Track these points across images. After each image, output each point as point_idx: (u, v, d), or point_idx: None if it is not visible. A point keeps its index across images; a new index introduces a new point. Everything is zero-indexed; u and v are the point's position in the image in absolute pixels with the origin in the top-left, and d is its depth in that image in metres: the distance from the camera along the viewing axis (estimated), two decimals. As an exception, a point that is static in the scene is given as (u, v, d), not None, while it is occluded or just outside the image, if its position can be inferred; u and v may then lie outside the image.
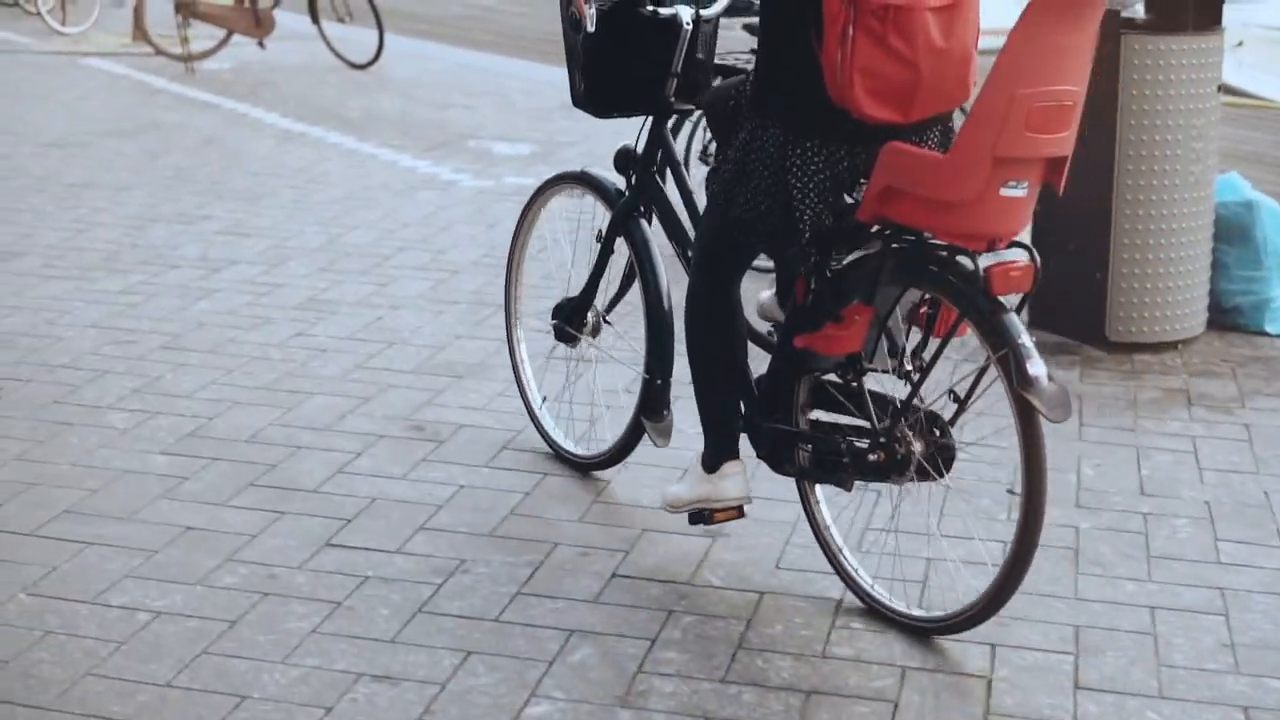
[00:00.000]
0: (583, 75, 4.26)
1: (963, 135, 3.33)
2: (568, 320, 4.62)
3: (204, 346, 5.95)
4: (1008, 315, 3.39)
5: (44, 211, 8.02)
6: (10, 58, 13.87)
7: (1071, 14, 3.28)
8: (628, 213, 4.38)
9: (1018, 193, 3.35)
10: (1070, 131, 3.37)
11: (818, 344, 3.68)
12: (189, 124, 10.55)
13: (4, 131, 10.19)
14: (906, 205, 3.44)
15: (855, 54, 3.35)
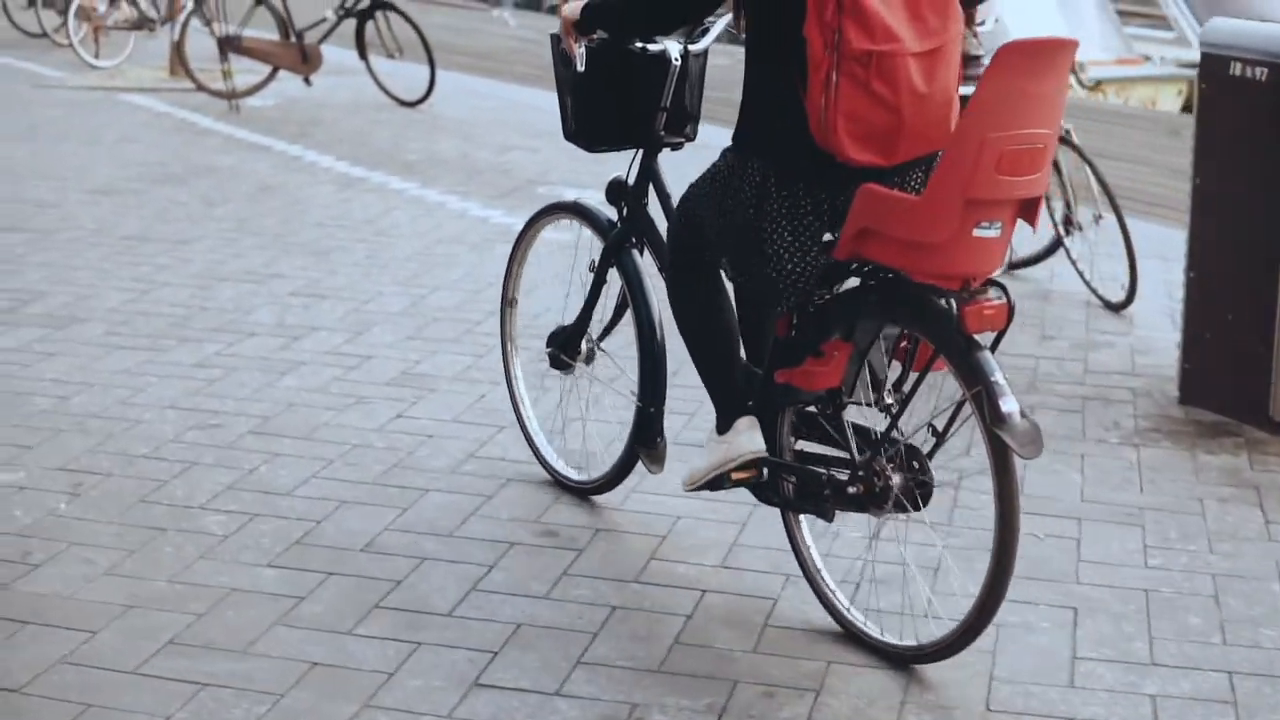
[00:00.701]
0: (574, 110, 4.35)
1: (935, 178, 3.43)
2: (562, 348, 4.70)
3: (297, 431, 5.40)
4: (982, 353, 3.47)
5: (102, 269, 7.47)
6: (44, 93, 13.33)
7: (1040, 60, 3.37)
8: (620, 243, 4.47)
9: (990, 233, 3.44)
10: (1042, 173, 3.45)
11: (797, 379, 3.78)
12: (242, 168, 10.00)
13: (49, 176, 9.65)
14: (882, 245, 3.53)
15: (839, 99, 3.42)
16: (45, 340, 6.37)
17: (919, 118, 3.48)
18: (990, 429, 3.42)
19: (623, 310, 4.57)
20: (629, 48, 4.21)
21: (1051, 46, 3.43)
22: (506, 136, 11.26)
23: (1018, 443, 3.39)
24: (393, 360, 6.17)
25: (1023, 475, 4.13)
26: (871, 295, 3.68)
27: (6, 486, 4.89)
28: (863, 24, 3.41)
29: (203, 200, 9.02)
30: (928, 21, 3.50)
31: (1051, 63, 3.41)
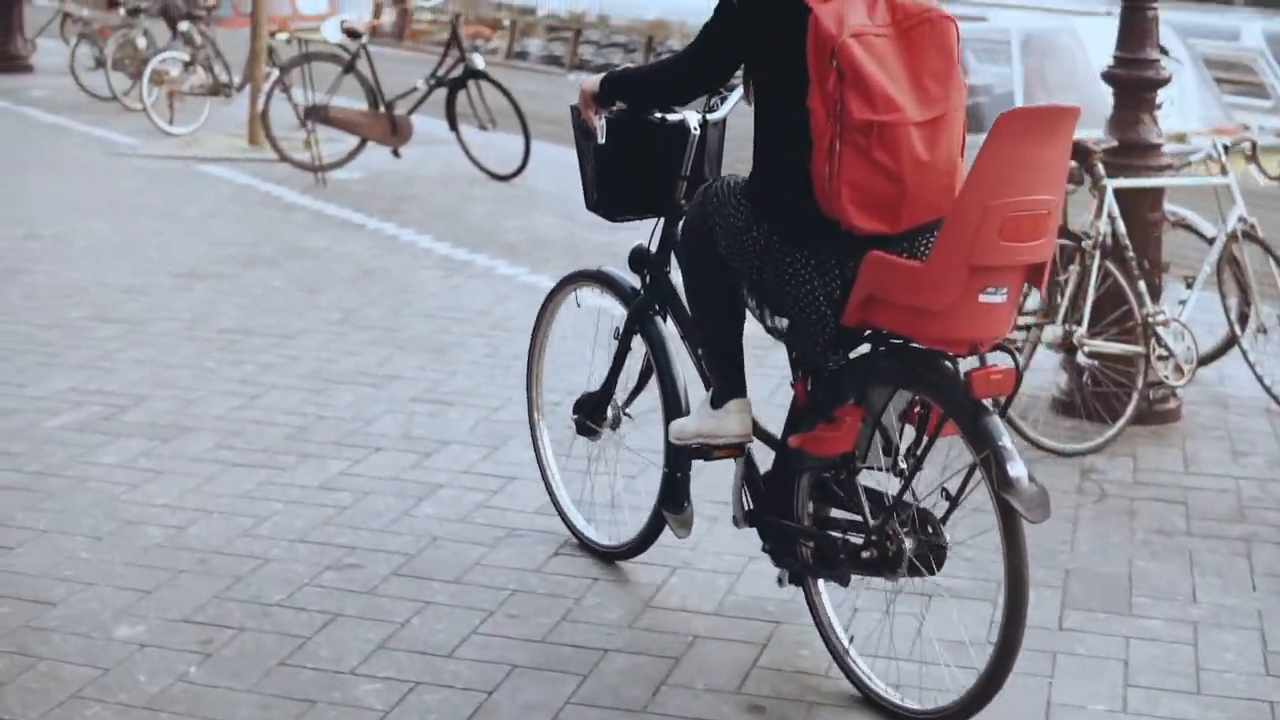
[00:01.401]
0: (595, 180, 4.37)
1: (939, 245, 3.45)
2: (589, 415, 4.70)
3: (447, 573, 4.77)
4: (990, 418, 3.49)
5: (203, 368, 6.85)
6: (119, 162, 12.79)
7: (1041, 128, 3.41)
8: (643, 311, 4.48)
9: (996, 299, 3.47)
10: (1046, 239, 3.47)
11: (809, 445, 3.81)
12: (338, 249, 9.39)
13: (133, 256, 9.06)
14: (889, 312, 3.57)
15: (842, 168, 3.47)
16: (151, 455, 5.75)
17: (922, 186, 3.51)
18: (998, 493, 3.45)
19: (647, 376, 4.57)
20: (648, 118, 4.21)
21: (1053, 114, 3.48)
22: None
23: (1025, 507, 3.41)
24: (539, 484, 5.51)
25: None
26: (881, 361, 3.72)
27: (128, 643, 4.25)
28: (864, 94, 3.45)
29: (301, 286, 8.41)
30: (930, 91, 3.52)
31: (1053, 130, 3.44)
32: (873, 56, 3.47)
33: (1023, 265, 3.50)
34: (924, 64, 3.54)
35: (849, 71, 3.44)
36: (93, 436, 5.93)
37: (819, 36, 3.49)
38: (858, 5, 3.54)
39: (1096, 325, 6.20)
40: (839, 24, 3.47)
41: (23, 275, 8.56)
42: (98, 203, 10.83)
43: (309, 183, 11.70)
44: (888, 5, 3.57)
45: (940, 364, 3.61)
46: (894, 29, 3.54)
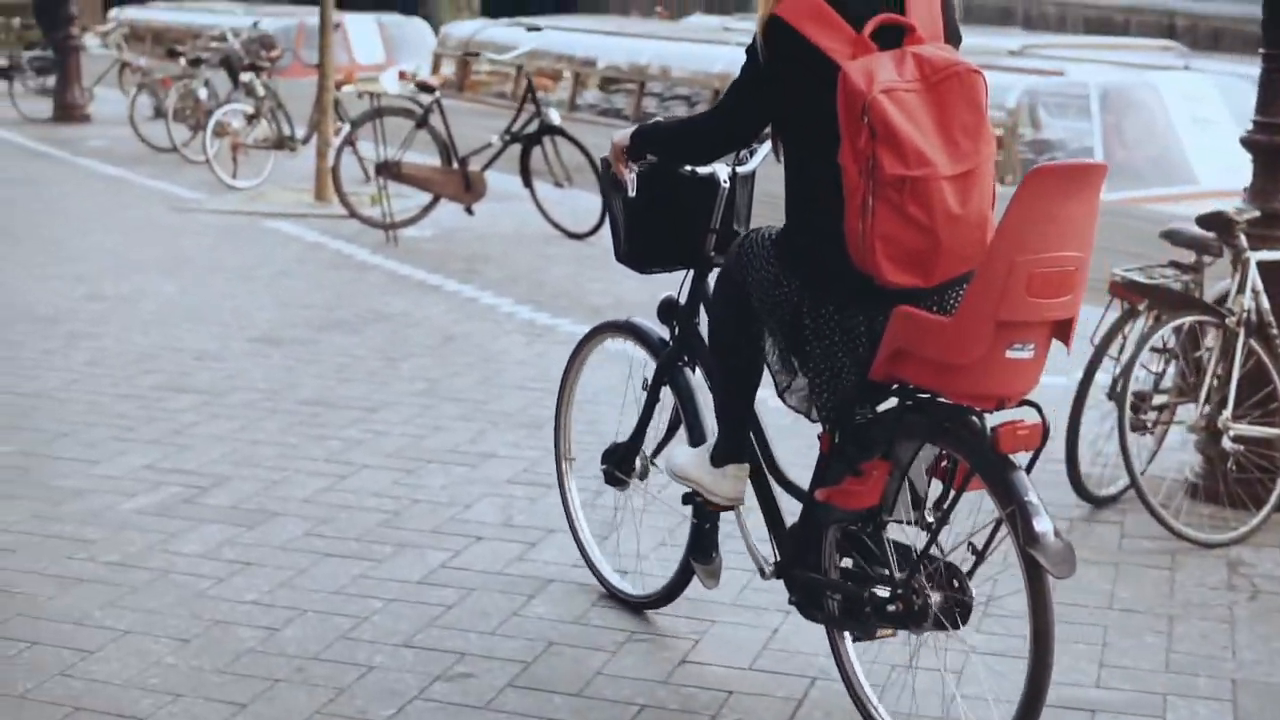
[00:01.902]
0: (625, 233, 4.38)
1: (966, 300, 3.46)
2: (617, 465, 4.70)
3: (568, 684, 4.35)
4: (1016, 473, 3.49)
5: (287, 444, 6.46)
6: (184, 218, 12.47)
7: (1069, 184, 3.40)
8: (672, 362, 4.49)
9: (1023, 355, 3.48)
10: (1074, 295, 3.47)
11: (836, 498, 3.80)
12: (416, 313, 9.00)
13: (205, 320, 8.70)
14: (917, 366, 3.57)
15: (875, 223, 3.47)
16: (236, 543, 5.34)
17: (955, 239, 3.51)
18: (1024, 549, 3.44)
19: (676, 427, 4.56)
20: (678, 171, 4.24)
21: (1081, 171, 3.47)
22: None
23: (1050, 562, 3.41)
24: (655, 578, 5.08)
25: None
26: (908, 415, 3.71)
27: (225, 770, 3.84)
28: (896, 150, 3.45)
29: (382, 355, 8.02)
30: (960, 145, 3.52)
31: (1081, 187, 3.44)
32: (903, 112, 3.48)
33: (1051, 321, 3.51)
34: (954, 118, 3.54)
35: (880, 127, 3.45)
36: (173, 522, 5.54)
37: (849, 93, 3.49)
38: (886, 61, 3.54)
39: (1239, 407, 5.76)
40: (869, 80, 3.48)
41: (89, 339, 8.21)
42: (164, 260, 10.49)
43: (380, 241, 11.33)
44: (916, 60, 3.55)
45: (967, 418, 3.61)
46: (923, 84, 3.53)
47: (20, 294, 9.36)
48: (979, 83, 3.58)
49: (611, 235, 4.51)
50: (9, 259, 10.55)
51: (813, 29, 3.61)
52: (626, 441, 4.70)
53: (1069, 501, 5.87)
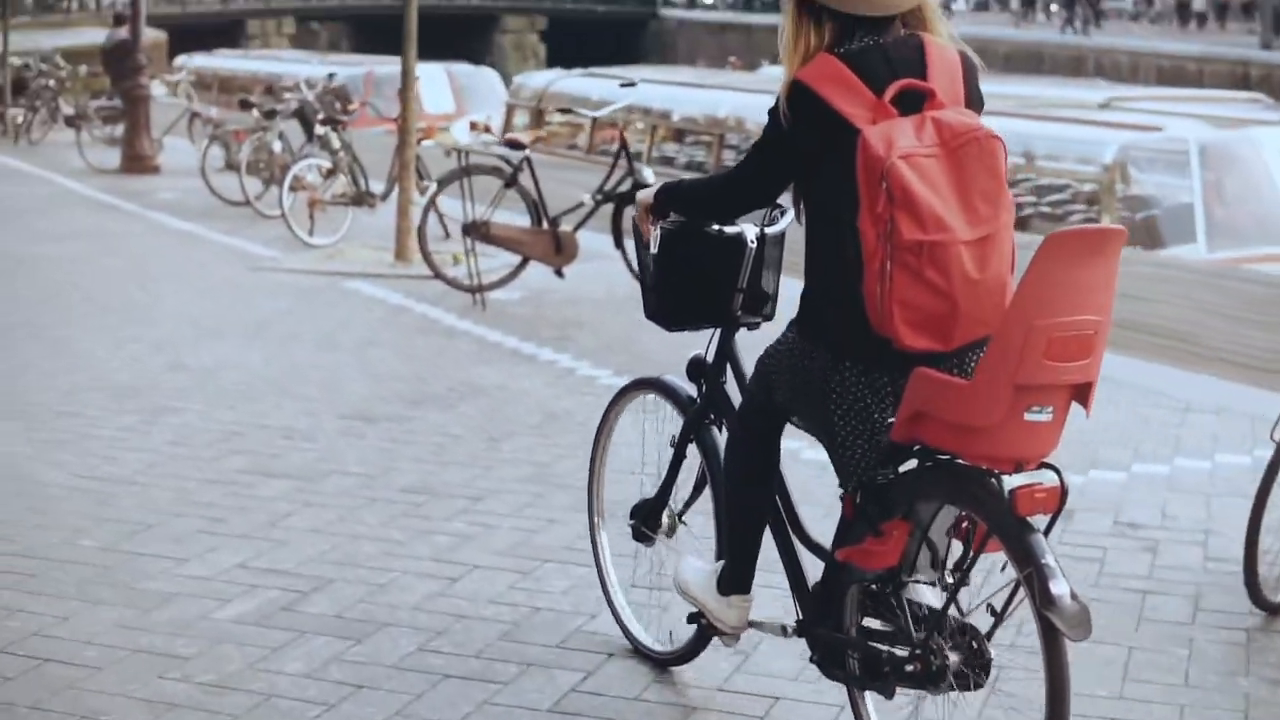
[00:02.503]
0: (654, 289, 4.42)
1: (984, 363, 3.52)
2: (644, 521, 4.72)
3: None
4: (1034, 535, 3.49)
5: (390, 541, 5.94)
6: (260, 277, 12.03)
7: (1088, 249, 3.44)
8: (699, 420, 4.52)
9: (1042, 418, 3.51)
10: (1093, 359, 3.50)
11: (856, 557, 3.83)
12: (513, 386, 8.48)
13: (292, 393, 8.21)
14: (935, 428, 3.61)
15: (893, 287, 3.52)
16: (344, 661, 4.82)
17: (973, 303, 3.55)
18: (1040, 611, 3.44)
19: (703, 485, 4.58)
20: (706, 230, 4.24)
21: (1099, 235, 3.50)
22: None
23: (1067, 625, 3.42)
24: (819, 705, 4.53)
25: None
26: (928, 476, 3.74)
27: None
28: (914, 215, 3.48)
29: (481, 433, 7.50)
30: (979, 210, 3.55)
31: (1099, 251, 3.46)
32: (922, 177, 3.51)
33: (1069, 385, 3.51)
34: (972, 183, 3.56)
35: (898, 193, 3.48)
36: (273, 633, 5.02)
37: (868, 158, 3.52)
38: (905, 126, 3.56)
39: None
40: (888, 145, 3.51)
41: (171, 415, 7.73)
42: (244, 325, 10.03)
43: (466, 304, 10.84)
44: (935, 126, 3.57)
45: (986, 480, 3.62)
46: (942, 149, 3.56)
47: (97, 362, 8.91)
48: (998, 148, 3.61)
49: (641, 292, 4.54)
50: (84, 322, 10.12)
51: (834, 93, 3.64)
52: (653, 498, 4.72)
53: (1242, 609, 5.29)
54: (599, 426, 5.07)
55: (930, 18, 3.79)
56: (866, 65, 3.67)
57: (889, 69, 3.67)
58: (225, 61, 39.08)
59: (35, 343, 9.36)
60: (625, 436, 5.06)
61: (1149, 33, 57.41)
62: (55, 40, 36.95)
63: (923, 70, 3.69)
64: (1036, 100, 22.19)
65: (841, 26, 3.73)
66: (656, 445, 4.83)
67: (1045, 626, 3.48)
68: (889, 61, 3.69)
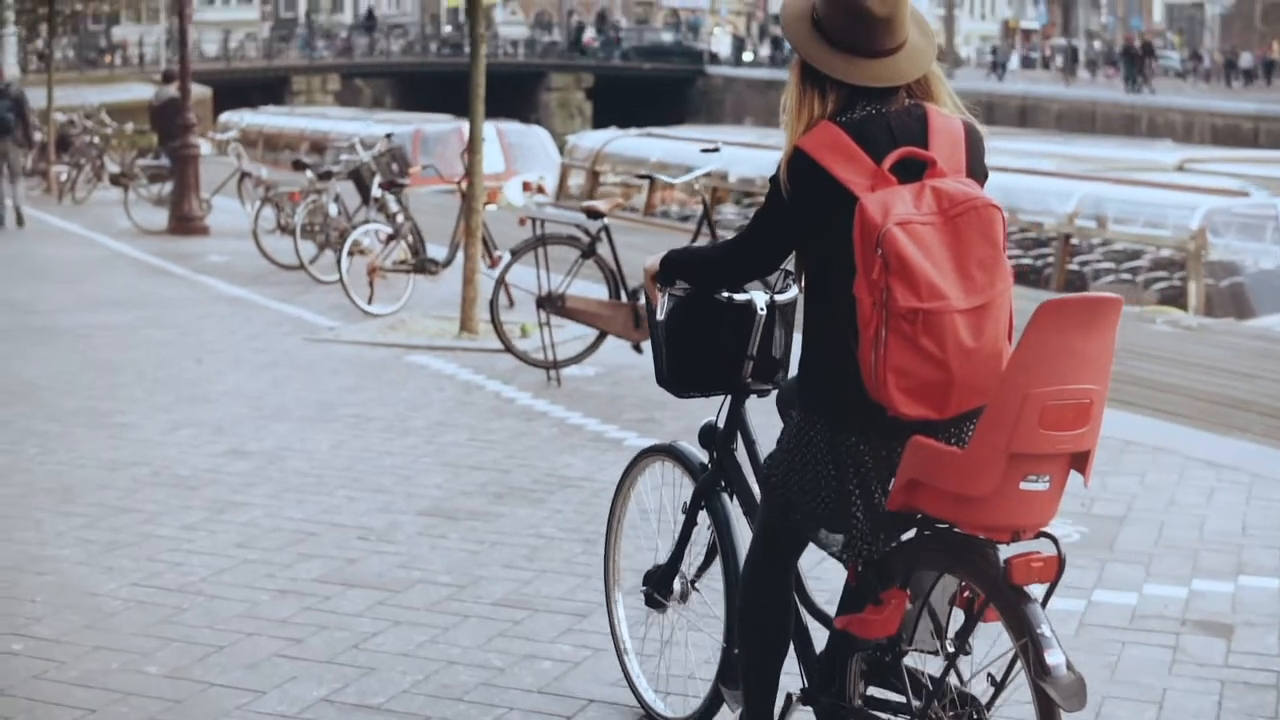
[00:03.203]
0: (665, 356, 4.38)
1: (979, 432, 3.51)
2: (657, 587, 4.71)
3: None
4: (1030, 605, 3.48)
5: (491, 669, 5.31)
6: (320, 349, 11.44)
7: (1083, 317, 3.45)
8: (710, 487, 4.53)
9: (1038, 486, 3.50)
10: (1089, 427, 3.49)
11: (855, 626, 3.81)
12: (600, 477, 7.83)
13: (364, 486, 7.59)
14: (931, 497, 3.61)
15: (888, 355, 3.53)
16: (453, 825, 4.17)
17: (969, 372, 3.54)
18: (1035, 681, 3.43)
19: (714, 552, 4.57)
20: (716, 297, 4.23)
21: (1093, 304, 3.50)
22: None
23: (1061, 695, 3.40)
24: None
25: None
26: (926, 545, 3.73)
27: None
28: (909, 283, 3.49)
29: (577, 535, 6.86)
30: (975, 279, 3.55)
31: (1094, 319, 3.47)
32: (918, 245, 3.51)
33: (1066, 453, 3.50)
34: (970, 252, 3.56)
35: (894, 260, 3.49)
36: (369, 788, 4.38)
37: (865, 225, 3.53)
38: (904, 194, 3.57)
39: None
40: (885, 213, 3.52)
41: (236, 511, 7.12)
42: (307, 405, 9.42)
43: (540, 381, 10.22)
44: (934, 194, 3.57)
45: (983, 549, 3.60)
46: (940, 217, 3.55)
47: (152, 448, 8.31)
48: (996, 217, 3.59)
49: (653, 358, 4.48)
50: (136, 401, 9.53)
51: (833, 161, 3.65)
52: (665, 564, 4.72)
53: None
54: (615, 494, 5.04)
55: (935, 87, 3.80)
56: (868, 134, 3.67)
57: (890, 138, 3.67)
58: (271, 118, 38.72)
59: (91, 429, 8.77)
60: (643, 504, 5.04)
61: (1198, 90, 56.88)
62: (99, 96, 36.71)
63: (924, 139, 3.69)
64: (1110, 162, 21.54)
65: (845, 95, 3.73)
66: (671, 512, 4.83)
67: (1040, 697, 3.47)
68: (890, 130, 3.69)
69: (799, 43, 3.78)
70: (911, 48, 3.76)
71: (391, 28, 75.73)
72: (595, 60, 68.52)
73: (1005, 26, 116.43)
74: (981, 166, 3.79)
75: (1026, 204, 18.00)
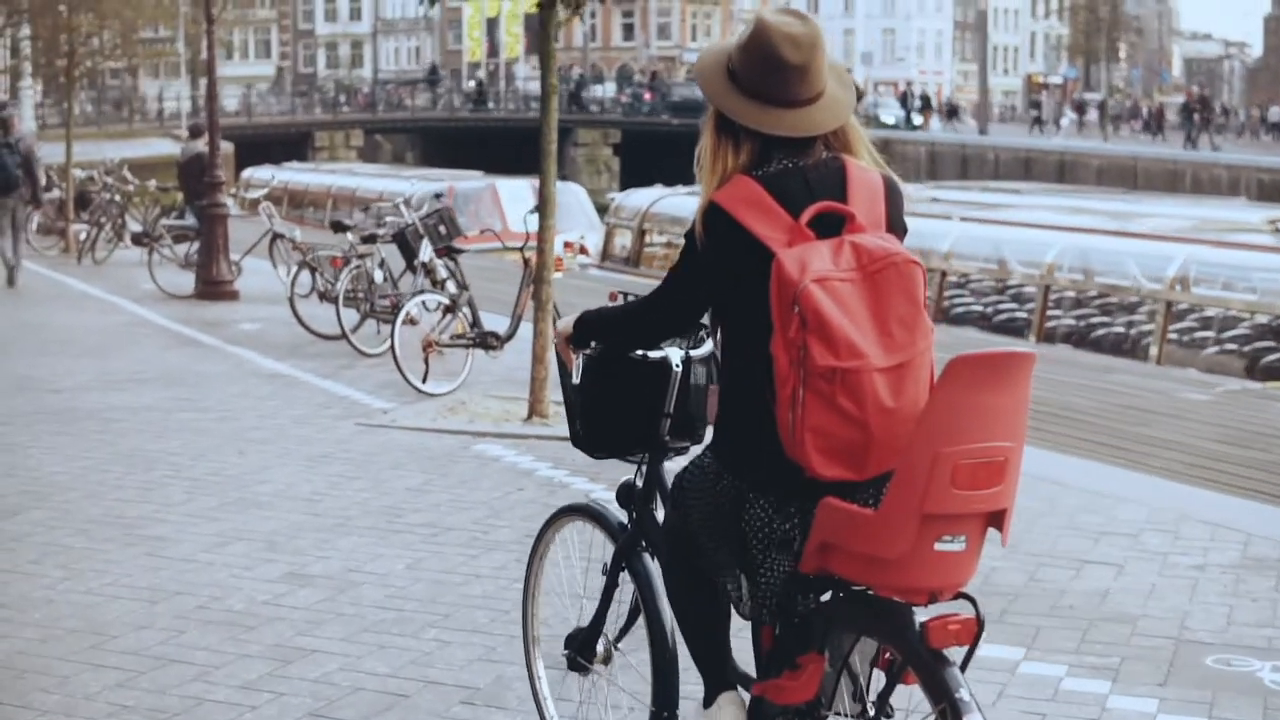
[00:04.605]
0: (580, 416, 4.31)
1: (890, 493, 3.44)
2: (579, 650, 4.59)
3: None
4: (949, 669, 3.44)
5: None
6: (378, 438, 10.16)
7: (993, 372, 3.40)
8: (631, 547, 4.40)
9: (954, 547, 3.44)
10: (1005, 486, 3.44)
11: (771, 693, 3.74)
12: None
13: (460, 625, 6.30)
14: (845, 560, 3.55)
15: (805, 415, 3.48)
16: None
17: (888, 432, 3.49)
18: None
19: (637, 613, 4.43)
20: (630, 355, 4.16)
21: (1005, 359, 3.45)
22: (1064, 540, 7.71)
23: None
24: None
25: None
26: (841, 608, 3.67)
27: None
28: (827, 341, 3.46)
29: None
30: (895, 337, 3.52)
31: (1007, 374, 3.42)
32: (836, 302, 3.46)
33: (982, 513, 3.43)
34: (890, 309, 3.51)
35: (811, 317, 3.44)
36: None
37: (781, 282, 3.48)
38: (822, 250, 3.52)
39: None
40: (802, 269, 3.46)
41: (305, 662, 5.82)
42: (371, 511, 8.13)
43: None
44: (854, 249, 3.52)
45: (900, 612, 3.52)
46: (859, 273, 3.50)
47: (197, 570, 7.01)
48: (917, 273, 3.54)
49: (568, 420, 4.42)
50: (173, 506, 8.23)
51: (750, 216, 3.59)
52: (588, 627, 4.59)
53: None
54: (531, 553, 4.87)
55: (853, 140, 3.74)
56: (784, 188, 3.61)
57: (808, 192, 3.61)
58: (296, 175, 37.60)
59: (124, 545, 7.45)
60: (560, 565, 4.87)
61: (1233, 145, 56.01)
62: (119, 151, 35.72)
63: (843, 193, 3.63)
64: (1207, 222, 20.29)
65: (760, 148, 3.67)
66: (582, 575, 4.72)
67: None
68: (808, 184, 3.63)
69: (712, 93, 3.70)
70: (829, 98, 3.69)
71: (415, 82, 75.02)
72: (622, 116, 67.56)
73: (1028, 81, 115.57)
74: (901, 221, 3.70)
75: (1119, 267, 16.75)
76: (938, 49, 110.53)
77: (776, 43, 3.63)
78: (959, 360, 3.34)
